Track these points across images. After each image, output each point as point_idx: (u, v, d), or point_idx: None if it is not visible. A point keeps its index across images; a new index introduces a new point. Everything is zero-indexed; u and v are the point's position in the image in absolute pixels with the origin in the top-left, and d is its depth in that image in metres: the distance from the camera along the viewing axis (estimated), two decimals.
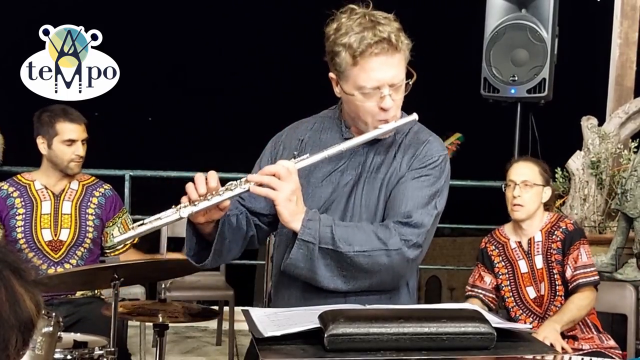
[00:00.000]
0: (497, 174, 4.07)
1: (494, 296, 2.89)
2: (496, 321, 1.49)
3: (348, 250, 1.67)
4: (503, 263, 2.88)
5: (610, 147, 3.79)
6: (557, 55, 3.68)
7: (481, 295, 2.89)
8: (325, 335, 1.37)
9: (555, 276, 2.80)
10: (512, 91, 3.66)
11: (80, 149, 2.87)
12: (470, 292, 2.94)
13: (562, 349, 2.62)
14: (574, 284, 2.77)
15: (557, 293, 2.80)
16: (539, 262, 2.83)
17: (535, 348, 1.55)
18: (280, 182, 1.65)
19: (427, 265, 8.62)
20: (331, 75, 1.80)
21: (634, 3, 4.02)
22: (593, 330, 2.81)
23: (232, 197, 1.67)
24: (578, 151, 3.91)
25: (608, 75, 4.15)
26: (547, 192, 2.87)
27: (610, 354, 2.72)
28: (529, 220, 2.84)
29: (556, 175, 3.86)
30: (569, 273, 2.78)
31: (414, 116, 1.79)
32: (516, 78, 3.64)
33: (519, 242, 2.88)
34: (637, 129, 3.92)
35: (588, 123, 3.90)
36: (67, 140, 2.84)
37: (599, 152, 3.79)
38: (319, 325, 1.41)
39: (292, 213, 1.66)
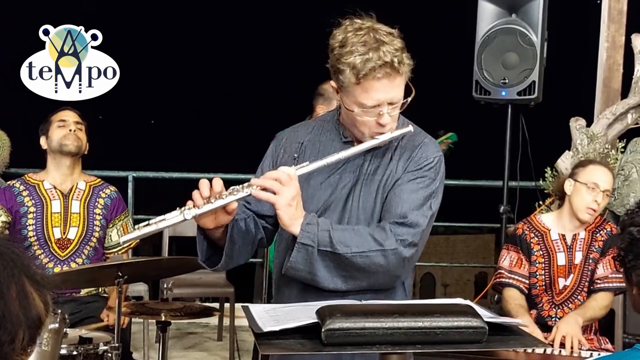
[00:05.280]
0: (489, 173, 4.16)
1: (528, 283, 2.88)
2: (488, 315, 1.52)
3: (346, 251, 1.72)
4: (541, 252, 2.88)
5: (598, 147, 3.85)
6: (546, 58, 3.73)
7: (520, 285, 2.86)
8: (323, 330, 1.39)
9: (588, 272, 2.84)
10: (503, 93, 3.71)
11: (72, 126, 3.00)
12: (508, 279, 2.87)
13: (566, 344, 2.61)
14: (605, 285, 2.81)
15: (583, 289, 2.84)
16: (578, 257, 2.85)
17: (526, 342, 1.58)
18: (282, 187, 1.70)
19: (422, 263, 8.67)
20: (332, 83, 1.85)
21: (620, 7, 4.07)
22: (593, 332, 2.85)
23: (235, 200, 1.71)
24: (567, 151, 3.97)
25: (596, 78, 4.20)
26: None
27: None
28: None
29: (546, 175, 3.92)
30: (600, 271, 2.82)
31: (409, 128, 1.83)
32: (507, 81, 3.69)
33: (563, 235, 2.88)
34: (624, 129, 3.97)
35: (577, 124, 3.96)
36: (60, 121, 3.01)
37: (587, 152, 3.85)
38: (316, 320, 1.44)
39: (292, 217, 1.72)
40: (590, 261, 2.85)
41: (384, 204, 1.83)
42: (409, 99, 1.82)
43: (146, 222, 1.73)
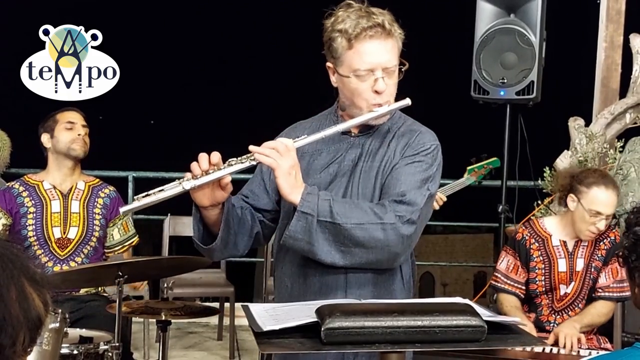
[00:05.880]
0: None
1: (524, 289, 2.88)
2: (487, 314, 1.53)
3: (345, 222, 1.72)
4: (541, 258, 2.86)
5: (596, 146, 3.87)
6: (544, 58, 3.75)
7: (516, 291, 2.85)
8: (322, 329, 1.40)
9: (589, 281, 2.83)
10: (502, 93, 3.73)
11: (80, 130, 3.01)
12: (503, 284, 2.87)
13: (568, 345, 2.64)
14: (607, 294, 2.81)
15: (584, 297, 2.84)
16: (580, 264, 2.83)
17: (524, 340, 1.60)
18: (280, 156, 1.73)
19: (421, 262, 8.67)
20: (328, 64, 1.88)
21: (619, 7, 4.10)
22: (592, 331, 2.87)
23: (233, 172, 1.73)
24: (566, 151, 3.99)
25: (594, 78, 4.22)
26: None
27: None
28: None
29: (544, 175, 3.94)
30: (602, 281, 2.82)
31: (407, 100, 1.85)
32: (505, 80, 3.71)
33: (564, 242, 2.86)
34: (623, 129, 3.99)
35: (575, 124, 3.99)
36: (67, 123, 3.01)
37: (586, 151, 3.87)
38: (316, 319, 1.45)
39: (292, 186, 1.73)
40: (593, 269, 2.84)
41: (382, 189, 1.85)
42: (404, 68, 1.85)
43: (145, 193, 1.74)
